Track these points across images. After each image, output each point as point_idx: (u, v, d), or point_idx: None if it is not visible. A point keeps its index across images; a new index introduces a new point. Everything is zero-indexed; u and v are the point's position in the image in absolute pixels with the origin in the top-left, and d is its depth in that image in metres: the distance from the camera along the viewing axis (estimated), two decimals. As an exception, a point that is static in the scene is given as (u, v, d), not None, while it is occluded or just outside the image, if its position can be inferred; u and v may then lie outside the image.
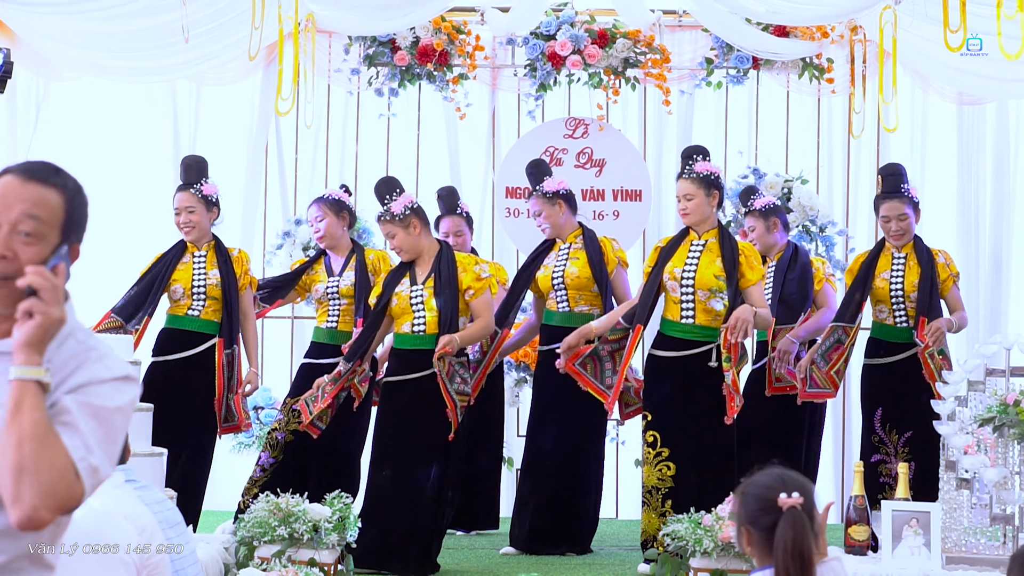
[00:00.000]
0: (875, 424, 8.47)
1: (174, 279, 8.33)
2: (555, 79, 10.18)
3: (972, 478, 6.71)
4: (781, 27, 10.00)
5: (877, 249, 8.61)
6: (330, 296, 8.59)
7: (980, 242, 10.47)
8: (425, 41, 10.11)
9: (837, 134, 10.56)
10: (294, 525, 6.78)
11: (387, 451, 7.64)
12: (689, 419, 7.64)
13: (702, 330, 7.69)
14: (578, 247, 8.61)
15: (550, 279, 8.59)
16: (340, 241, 8.70)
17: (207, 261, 8.37)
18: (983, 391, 6.87)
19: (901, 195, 8.50)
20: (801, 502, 3.73)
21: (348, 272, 8.59)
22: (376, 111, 10.45)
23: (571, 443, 8.45)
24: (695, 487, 7.55)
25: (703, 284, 7.68)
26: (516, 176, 10.18)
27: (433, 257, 7.76)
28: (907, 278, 8.43)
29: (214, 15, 9.50)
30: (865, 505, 6.82)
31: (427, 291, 7.63)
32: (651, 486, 7.68)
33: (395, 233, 7.77)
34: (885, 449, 8.43)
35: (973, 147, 10.49)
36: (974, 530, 6.70)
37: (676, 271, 7.74)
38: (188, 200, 8.40)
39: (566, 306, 8.56)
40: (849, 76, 10.20)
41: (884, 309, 8.51)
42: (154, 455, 6.63)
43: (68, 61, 9.98)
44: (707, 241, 7.81)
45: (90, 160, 10.64)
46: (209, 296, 8.31)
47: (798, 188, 10.01)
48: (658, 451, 7.64)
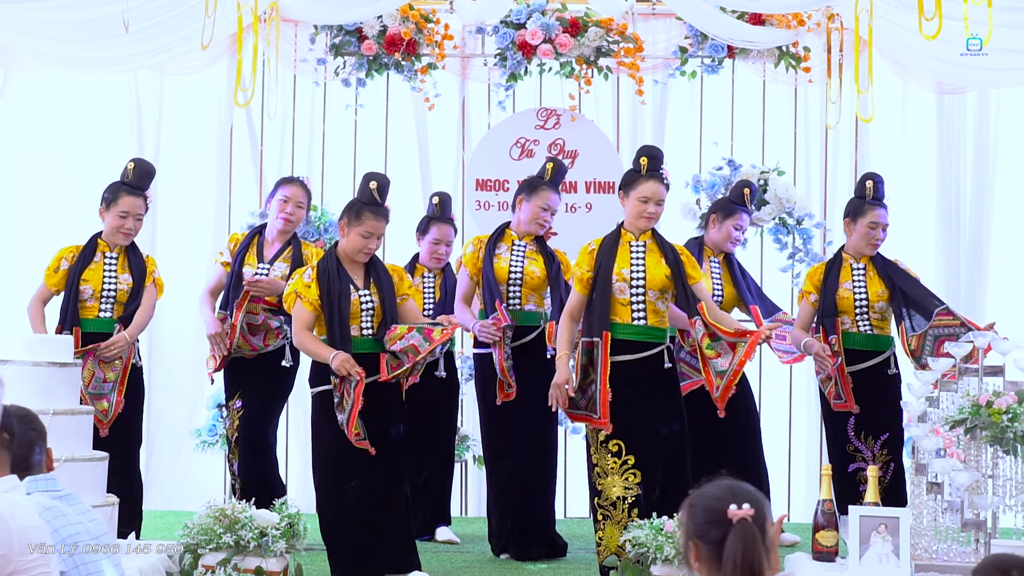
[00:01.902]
0: (848, 433, 8.30)
1: (84, 279, 8.13)
2: (526, 69, 9.99)
3: (943, 482, 6.50)
4: (756, 15, 9.82)
5: (836, 263, 8.47)
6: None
7: (960, 234, 10.28)
8: (393, 30, 9.92)
9: (814, 125, 10.36)
10: (240, 532, 6.56)
11: (354, 458, 7.32)
12: (651, 423, 7.39)
13: (654, 331, 7.45)
14: (533, 248, 8.46)
15: (507, 272, 8.40)
16: (293, 230, 8.55)
17: (118, 264, 8.19)
18: (955, 391, 6.64)
19: (885, 205, 8.42)
20: (752, 514, 3.54)
21: (280, 263, 8.38)
22: (343, 102, 10.25)
23: (528, 443, 8.31)
24: (658, 494, 7.30)
25: (654, 285, 7.44)
26: (487, 168, 10.01)
27: (363, 262, 7.51)
28: (869, 287, 8.35)
29: (174, 3, 9.28)
30: (833, 510, 6.60)
31: (375, 296, 7.38)
32: (616, 497, 7.40)
33: (381, 234, 7.52)
34: (862, 456, 8.26)
35: (953, 137, 10.30)
36: (945, 536, 6.48)
37: (624, 272, 7.48)
38: (140, 207, 8.23)
39: (517, 303, 8.41)
40: (826, 65, 9.99)
41: (847, 319, 8.39)
42: (94, 460, 6.42)
43: (26, 51, 9.76)
44: (646, 242, 7.58)
45: (52, 154, 10.51)
46: (118, 301, 8.14)
47: (774, 180, 9.81)
48: (624, 459, 7.37)
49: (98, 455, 6.50)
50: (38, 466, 4.61)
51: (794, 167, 10.22)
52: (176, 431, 10.19)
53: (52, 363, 6.45)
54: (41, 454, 4.64)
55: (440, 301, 9.01)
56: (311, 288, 7.34)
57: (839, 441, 8.40)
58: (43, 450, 4.66)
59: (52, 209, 10.37)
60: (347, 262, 7.45)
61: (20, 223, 10.49)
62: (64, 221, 10.02)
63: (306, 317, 7.35)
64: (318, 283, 7.35)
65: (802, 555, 6.79)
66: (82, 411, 6.52)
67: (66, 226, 9.72)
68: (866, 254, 8.40)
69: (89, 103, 10.50)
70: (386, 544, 7.24)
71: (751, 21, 9.82)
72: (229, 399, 8.47)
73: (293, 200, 8.47)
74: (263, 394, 8.41)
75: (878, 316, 8.34)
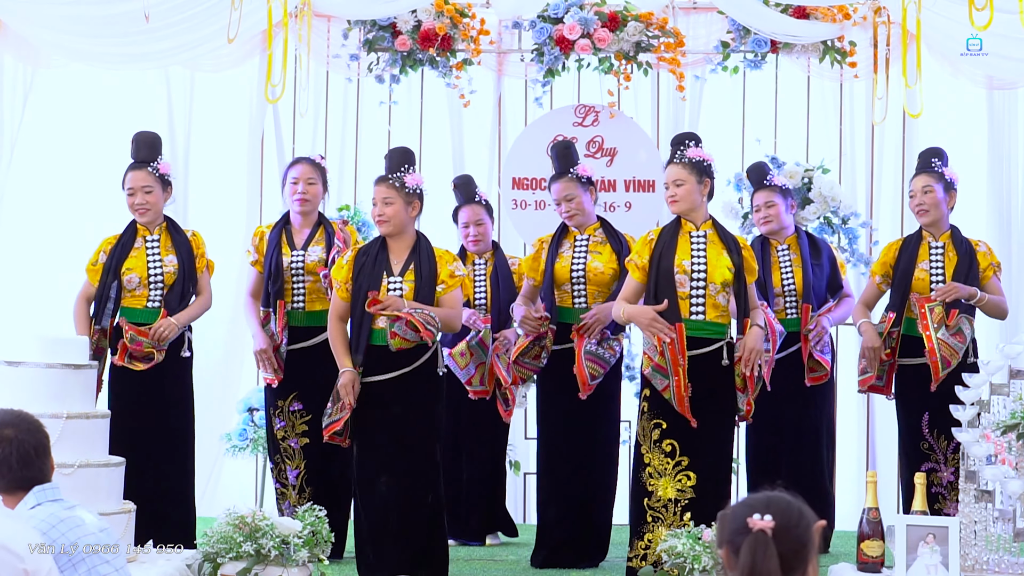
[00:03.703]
0: (923, 429, 7.99)
1: (127, 267, 7.80)
2: (563, 64, 9.75)
3: (994, 490, 6.23)
4: (800, 8, 9.57)
5: (915, 239, 8.17)
6: (294, 272, 8.16)
7: (1012, 233, 10.02)
8: (427, 25, 9.70)
9: (860, 121, 10.10)
10: (261, 541, 6.35)
11: (380, 456, 7.12)
12: (707, 423, 7.14)
13: (713, 327, 7.18)
14: (598, 240, 8.18)
15: (568, 271, 8.14)
16: (315, 211, 8.32)
17: (160, 246, 7.89)
18: (1007, 395, 6.38)
19: (930, 171, 8.18)
20: (771, 526, 3.36)
21: (314, 247, 8.14)
22: (377, 98, 10.04)
23: (585, 448, 8.06)
24: (713, 497, 7.03)
25: (715, 278, 7.18)
26: (523, 166, 9.80)
27: (410, 248, 7.25)
28: (947, 269, 8.05)
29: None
30: (879, 518, 6.34)
31: (407, 284, 7.13)
32: (668, 499, 7.14)
33: (394, 202, 7.21)
34: (935, 456, 7.96)
35: (1004, 134, 10.03)
36: (996, 546, 6.22)
37: (685, 264, 7.22)
38: (145, 179, 7.88)
39: (583, 301, 8.12)
40: (872, 60, 9.73)
41: None
42: (110, 465, 6.21)
43: (54, 47, 9.59)
44: (707, 232, 7.32)
45: (80, 152, 10.35)
46: (167, 284, 7.81)
47: (819, 178, 9.54)
48: (677, 460, 7.12)
49: (114, 460, 6.29)
50: (44, 475, 4.44)
51: (839, 165, 9.96)
52: (206, 435, 9.97)
53: (66, 365, 6.24)
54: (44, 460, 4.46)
55: (496, 286, 8.79)
56: (343, 269, 7.21)
57: (911, 436, 8.09)
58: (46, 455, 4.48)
59: (82, 207, 10.20)
60: (393, 246, 7.25)
61: (49, 222, 10.33)
62: (93, 219, 9.84)
63: (338, 306, 7.22)
64: (353, 264, 7.21)
65: (846, 566, 6.54)
66: (97, 415, 6.30)
67: (94, 224, 9.52)
68: (920, 223, 8.14)
69: (119, 101, 10.32)
70: (402, 550, 7.00)
71: (795, 15, 9.57)
72: (280, 399, 8.18)
73: (303, 178, 8.24)
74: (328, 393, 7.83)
75: None
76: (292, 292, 8.16)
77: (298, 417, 8.10)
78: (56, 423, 5.99)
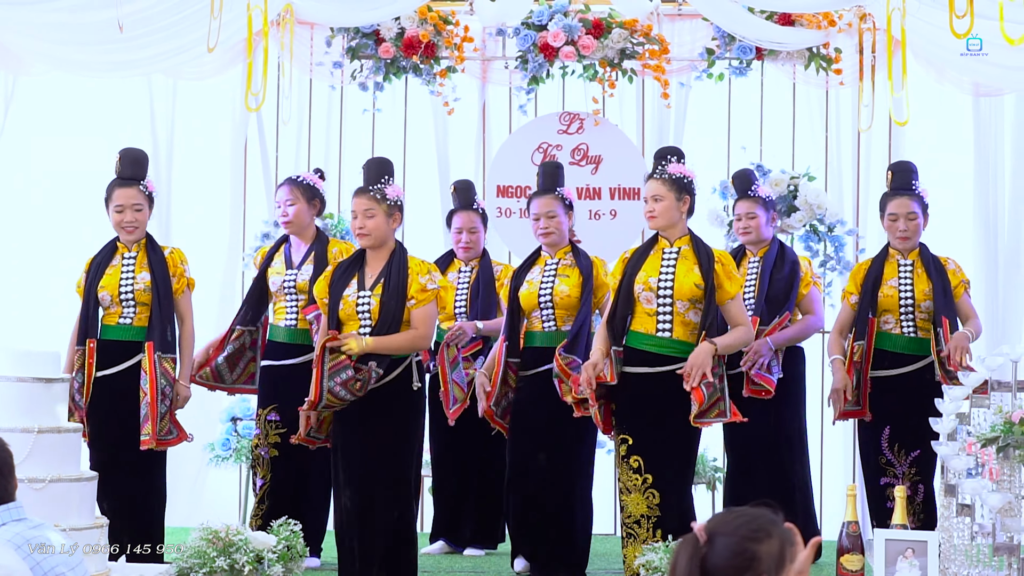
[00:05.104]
0: (882, 444, 7.92)
1: (101, 286, 7.72)
2: (548, 71, 9.71)
3: (974, 503, 6.17)
4: (786, 15, 9.51)
5: (881, 258, 8.09)
6: (287, 291, 8.12)
7: (999, 241, 9.95)
8: (411, 32, 9.66)
9: (846, 128, 10.03)
10: (234, 556, 6.29)
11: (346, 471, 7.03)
12: (668, 441, 7.05)
13: (680, 345, 7.05)
14: (567, 263, 8.04)
15: (536, 297, 8.00)
16: (307, 229, 8.25)
17: (136, 264, 7.80)
18: (987, 407, 6.31)
19: (911, 192, 8.03)
20: (700, 534, 3.31)
21: (308, 265, 8.10)
22: (360, 106, 10.01)
23: (559, 464, 7.91)
24: (677, 513, 6.96)
25: (682, 294, 7.04)
26: (508, 174, 9.76)
27: (386, 259, 7.16)
28: (916, 286, 7.93)
29: (183, 5, 9.05)
30: (859, 532, 6.26)
31: (374, 298, 7.04)
32: (640, 515, 7.06)
33: (376, 214, 7.12)
34: (893, 471, 7.89)
35: (990, 141, 9.95)
36: (976, 560, 6.16)
37: (651, 280, 7.12)
38: (136, 197, 7.77)
39: (552, 325, 7.95)
40: (858, 67, 9.68)
41: (891, 319, 7.97)
42: (81, 480, 6.14)
43: (35, 54, 9.54)
44: (680, 248, 7.19)
45: (61, 160, 10.29)
46: (139, 302, 7.73)
47: (805, 185, 9.50)
48: (644, 476, 7.03)
49: (86, 475, 6.21)
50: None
51: (825, 172, 9.90)
52: (189, 445, 9.90)
53: (37, 379, 6.17)
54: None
55: (476, 295, 8.71)
56: (321, 283, 7.17)
57: (870, 450, 8.04)
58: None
59: (63, 216, 10.14)
60: (371, 258, 7.16)
61: (29, 230, 10.27)
62: (75, 228, 9.79)
63: (324, 323, 7.13)
64: (329, 277, 7.16)
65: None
66: (68, 428, 6.23)
67: (79, 235, 9.47)
68: (897, 248, 8.03)
69: (101, 109, 10.28)
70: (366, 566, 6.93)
71: (780, 22, 9.51)
72: (261, 408, 8.13)
73: (282, 202, 8.23)
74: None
75: (924, 317, 7.89)
76: (285, 310, 8.12)
77: (272, 428, 8.05)
78: (27, 438, 5.93)
